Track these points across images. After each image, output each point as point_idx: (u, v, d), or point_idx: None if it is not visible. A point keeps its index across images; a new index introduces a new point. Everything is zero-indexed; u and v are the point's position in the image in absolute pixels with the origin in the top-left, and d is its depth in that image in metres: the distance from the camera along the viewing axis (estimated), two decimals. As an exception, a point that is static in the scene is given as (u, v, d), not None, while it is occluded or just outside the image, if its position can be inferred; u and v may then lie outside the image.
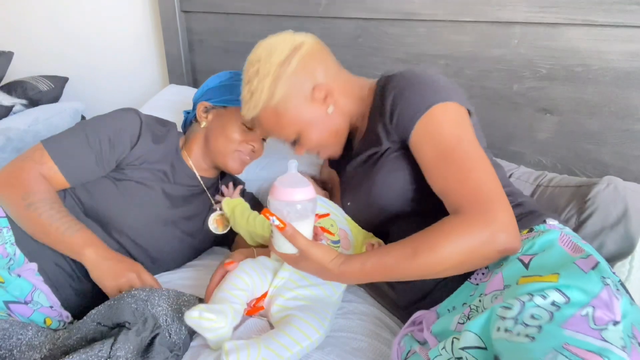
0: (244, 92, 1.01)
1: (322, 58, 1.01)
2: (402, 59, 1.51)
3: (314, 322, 0.89)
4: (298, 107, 0.98)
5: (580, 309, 0.63)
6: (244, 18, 1.77)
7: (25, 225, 1.06)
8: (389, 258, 0.81)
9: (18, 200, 1.04)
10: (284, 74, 0.96)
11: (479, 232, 0.76)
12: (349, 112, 1.04)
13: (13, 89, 2.00)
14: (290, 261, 0.90)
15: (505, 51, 1.35)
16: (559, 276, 0.67)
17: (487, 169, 0.83)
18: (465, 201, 0.79)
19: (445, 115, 0.87)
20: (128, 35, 2.14)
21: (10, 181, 1.07)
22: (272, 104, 0.98)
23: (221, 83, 1.24)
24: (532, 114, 1.36)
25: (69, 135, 1.14)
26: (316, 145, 1.04)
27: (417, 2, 1.42)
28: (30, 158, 1.09)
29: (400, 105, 0.90)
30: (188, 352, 0.91)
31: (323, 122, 1.01)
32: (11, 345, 0.87)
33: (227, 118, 1.20)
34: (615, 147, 1.28)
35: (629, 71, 1.21)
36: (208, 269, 1.22)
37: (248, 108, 1.01)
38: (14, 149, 1.73)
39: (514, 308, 0.66)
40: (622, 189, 1.03)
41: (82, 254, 1.03)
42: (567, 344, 0.59)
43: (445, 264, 0.77)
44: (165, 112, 1.60)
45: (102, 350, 0.80)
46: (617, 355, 0.58)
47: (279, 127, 1.01)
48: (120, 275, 1.02)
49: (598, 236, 1.01)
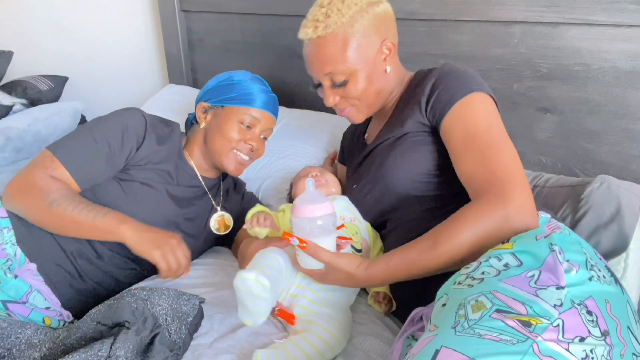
0: (317, 12, 1.00)
1: (395, 25, 1.06)
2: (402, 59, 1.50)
3: (338, 334, 0.90)
4: (367, 47, 1.00)
5: (528, 271, 0.65)
6: (244, 18, 1.77)
7: (52, 224, 1.04)
8: (411, 252, 0.83)
9: (38, 202, 1.03)
10: (371, 12, 0.99)
11: (493, 215, 0.79)
12: (394, 83, 1.07)
13: (13, 89, 2.00)
14: (317, 277, 0.92)
15: (505, 51, 1.35)
16: (513, 243, 0.71)
17: (512, 154, 0.86)
18: (485, 184, 0.83)
19: (481, 104, 0.93)
20: (128, 35, 2.14)
21: (24, 189, 1.05)
22: (348, 31, 0.98)
23: (219, 83, 1.25)
24: (532, 113, 1.36)
25: (76, 139, 1.12)
26: (358, 95, 1.04)
27: (417, 2, 1.42)
28: (40, 165, 1.08)
29: (440, 88, 0.95)
30: (188, 351, 0.91)
31: (377, 75, 1.03)
32: (10, 344, 0.87)
33: (225, 117, 1.20)
34: (615, 147, 1.28)
35: (628, 71, 1.21)
36: (208, 268, 1.22)
37: (316, 27, 0.99)
38: (13, 149, 1.73)
39: (471, 267, 0.71)
40: (615, 188, 1.04)
41: (120, 232, 1.02)
42: (496, 291, 0.63)
43: (464, 251, 0.79)
44: (165, 111, 1.60)
45: (102, 349, 0.80)
46: (542, 307, 0.60)
47: (340, 57, 0.99)
48: (162, 242, 1.02)
49: (593, 235, 1.02)
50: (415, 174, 0.98)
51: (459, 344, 0.58)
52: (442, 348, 0.58)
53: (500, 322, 0.59)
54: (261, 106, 1.20)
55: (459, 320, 0.62)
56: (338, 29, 0.98)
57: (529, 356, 0.55)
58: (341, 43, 0.99)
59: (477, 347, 0.57)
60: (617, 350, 0.59)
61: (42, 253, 1.07)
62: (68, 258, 1.07)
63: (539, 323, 0.58)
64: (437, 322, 0.66)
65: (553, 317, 0.59)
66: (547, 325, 0.58)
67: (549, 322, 0.58)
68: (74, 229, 1.04)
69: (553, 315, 0.59)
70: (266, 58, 1.78)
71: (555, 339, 0.57)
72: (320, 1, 1.02)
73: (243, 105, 1.19)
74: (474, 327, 0.59)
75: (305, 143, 1.50)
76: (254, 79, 1.25)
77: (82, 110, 2.06)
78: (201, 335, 0.95)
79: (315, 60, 1.03)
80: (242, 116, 1.19)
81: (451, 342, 0.59)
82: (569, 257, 0.66)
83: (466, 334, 0.59)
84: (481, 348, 0.56)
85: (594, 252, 0.73)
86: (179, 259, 1.03)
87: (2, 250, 1.04)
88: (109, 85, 2.27)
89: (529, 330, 0.58)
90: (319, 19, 0.99)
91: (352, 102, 1.06)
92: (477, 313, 0.61)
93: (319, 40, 1.00)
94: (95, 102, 2.28)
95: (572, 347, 0.57)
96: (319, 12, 1.00)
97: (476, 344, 0.57)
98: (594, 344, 0.58)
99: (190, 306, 0.97)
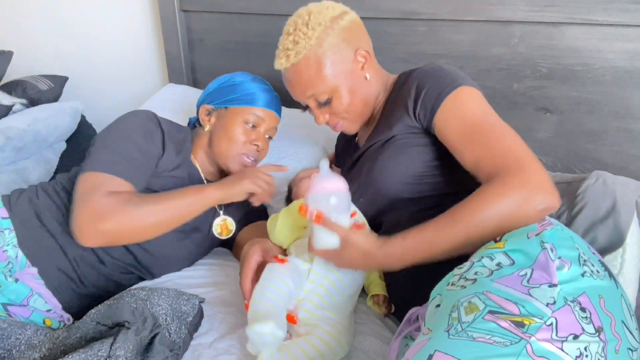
0: (286, 42, 1.02)
1: (365, 31, 1.07)
2: (402, 58, 1.51)
3: (341, 338, 0.90)
4: (341, 62, 1.01)
5: (520, 270, 0.65)
6: (244, 18, 1.77)
7: (152, 222, 1.01)
8: (428, 230, 0.83)
9: (125, 211, 0.96)
10: (337, 27, 1.00)
11: (516, 194, 0.78)
12: (378, 88, 1.08)
13: (13, 89, 2.00)
14: (332, 257, 0.90)
15: (505, 50, 1.35)
16: (506, 242, 0.71)
17: (515, 136, 0.87)
18: (499, 165, 0.82)
19: (470, 96, 0.94)
20: (128, 35, 2.14)
21: (97, 216, 0.96)
22: (318, 52, 0.99)
23: (221, 85, 1.24)
24: (532, 113, 1.36)
25: (103, 149, 1.07)
26: (345, 109, 1.05)
27: (417, 1, 1.42)
28: (91, 191, 0.99)
29: (427, 87, 0.95)
30: (188, 351, 0.91)
31: (358, 85, 1.04)
32: (9, 345, 0.87)
33: (229, 118, 1.19)
34: (614, 147, 1.28)
35: (629, 70, 1.21)
36: (208, 268, 1.22)
37: (288, 56, 1.01)
38: (13, 149, 1.73)
39: (464, 267, 0.71)
40: (611, 183, 1.04)
41: (209, 194, 1.06)
42: (488, 291, 0.63)
43: (484, 229, 0.78)
44: (165, 111, 1.60)
45: (101, 349, 0.80)
46: (534, 305, 0.60)
47: (318, 78, 1.01)
48: (243, 174, 1.10)
49: (589, 231, 1.02)
50: (405, 176, 0.97)
51: (452, 348, 0.58)
52: (436, 352, 0.58)
53: (493, 324, 0.59)
54: (265, 105, 1.20)
55: (452, 323, 0.61)
56: (309, 53, 1.00)
57: (522, 358, 0.55)
58: (315, 65, 1.00)
59: (470, 351, 0.57)
60: (611, 346, 0.59)
61: (44, 257, 1.05)
62: (70, 263, 1.06)
63: (532, 323, 0.58)
64: (431, 325, 0.66)
65: (546, 315, 0.59)
66: (540, 325, 0.58)
67: (542, 322, 0.58)
68: (174, 215, 1.03)
69: (546, 314, 0.59)
70: (266, 58, 1.76)
71: (549, 338, 0.57)
72: (287, 29, 1.04)
73: (247, 105, 1.19)
74: (467, 330, 0.59)
75: (304, 143, 1.50)
76: (256, 79, 1.25)
77: (82, 110, 2.05)
78: (201, 335, 0.96)
79: (295, 86, 1.05)
80: (247, 116, 1.18)
81: (445, 346, 0.59)
82: (561, 254, 0.66)
83: (459, 337, 0.59)
84: (474, 351, 0.57)
85: (588, 247, 0.73)
86: (265, 180, 1.10)
87: (3, 252, 1.03)
88: (109, 85, 2.27)
89: (522, 330, 0.58)
90: (289, 47, 1.02)
91: (342, 115, 1.06)
92: (470, 315, 0.61)
93: (294, 67, 1.02)
94: (95, 102, 2.27)
95: (566, 345, 0.57)
96: (288, 41, 1.02)
97: (469, 347, 0.57)
98: (588, 341, 0.58)
99: (190, 306, 0.97)
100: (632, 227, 1.00)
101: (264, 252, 1.01)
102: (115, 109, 2.22)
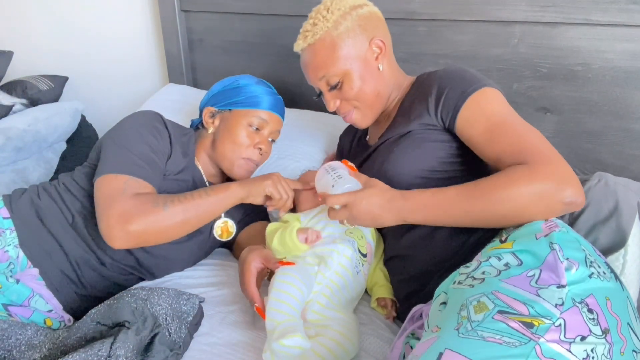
0: (306, 25, 1.06)
1: (385, 25, 1.09)
2: (403, 59, 1.51)
3: (353, 338, 0.90)
4: (355, 47, 1.02)
5: (528, 271, 0.65)
6: (244, 18, 1.77)
7: (179, 222, 1.00)
8: (450, 191, 0.85)
9: (153, 212, 0.97)
10: (355, 14, 1.03)
11: (544, 182, 0.79)
12: (391, 83, 1.08)
13: (13, 89, 2.00)
14: (352, 200, 0.90)
15: (505, 50, 1.35)
16: (513, 243, 0.72)
17: (541, 135, 0.88)
18: (528, 154, 0.83)
19: (494, 96, 0.95)
20: (128, 35, 2.14)
21: (126, 218, 0.95)
22: (334, 34, 1.02)
23: (225, 88, 1.24)
24: (532, 113, 1.36)
25: (120, 150, 1.06)
26: (355, 95, 1.05)
27: (417, 2, 1.42)
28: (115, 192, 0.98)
29: (450, 86, 0.96)
30: (188, 351, 0.91)
31: (371, 73, 1.05)
32: (10, 346, 0.87)
33: (233, 120, 1.19)
34: (614, 147, 1.28)
35: (628, 71, 1.21)
36: (208, 268, 1.22)
37: (305, 37, 1.05)
38: (13, 149, 1.73)
39: (472, 266, 0.72)
40: (612, 184, 1.04)
41: (232, 192, 1.07)
42: (497, 291, 0.63)
43: (508, 206, 0.79)
44: (165, 111, 1.59)
45: (102, 349, 0.80)
46: (543, 306, 0.60)
47: (331, 60, 1.03)
48: (268, 176, 1.10)
49: (591, 232, 1.02)
50: (418, 170, 0.98)
51: (462, 347, 0.58)
52: (446, 351, 0.58)
53: (502, 324, 0.59)
54: (268, 107, 1.21)
55: (462, 321, 0.62)
56: (325, 34, 1.02)
57: (531, 359, 0.55)
58: (329, 46, 1.02)
59: (480, 350, 0.57)
60: (617, 348, 0.60)
61: (45, 258, 1.05)
62: (71, 264, 1.06)
63: (541, 324, 0.58)
64: (439, 322, 0.66)
65: (555, 316, 0.59)
66: (549, 326, 0.58)
67: (551, 322, 0.58)
68: (200, 214, 1.03)
69: (555, 314, 0.59)
70: (266, 58, 1.78)
71: (557, 339, 0.57)
72: (310, 15, 1.07)
73: (251, 107, 1.19)
74: (476, 329, 0.59)
75: (304, 143, 1.50)
76: (260, 82, 1.25)
77: (82, 110, 2.05)
78: (201, 335, 0.96)
79: (309, 67, 1.06)
80: (251, 119, 1.19)
81: (455, 344, 0.59)
82: (568, 255, 0.66)
83: (469, 336, 0.59)
84: (484, 351, 0.57)
85: (593, 249, 0.73)
86: (286, 190, 1.10)
87: (4, 253, 1.02)
88: (109, 85, 2.27)
89: (532, 331, 0.58)
90: (308, 29, 1.05)
91: (353, 103, 1.06)
92: (479, 314, 0.61)
93: (310, 48, 1.05)
94: (95, 102, 2.28)
95: (574, 347, 0.57)
96: (308, 24, 1.06)
97: (479, 346, 0.57)
98: (595, 343, 0.58)
99: (190, 306, 0.97)
100: (634, 228, 1.00)
101: (263, 259, 1.01)
102: (115, 109, 2.23)
